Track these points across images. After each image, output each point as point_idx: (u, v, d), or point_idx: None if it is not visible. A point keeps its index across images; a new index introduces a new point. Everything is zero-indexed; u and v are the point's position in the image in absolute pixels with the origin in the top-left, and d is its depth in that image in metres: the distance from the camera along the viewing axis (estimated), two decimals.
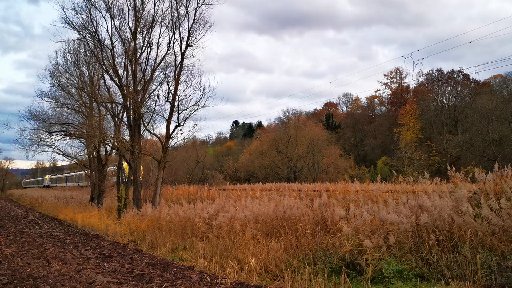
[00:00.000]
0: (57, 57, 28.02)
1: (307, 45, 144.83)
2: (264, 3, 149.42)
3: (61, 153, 32.41)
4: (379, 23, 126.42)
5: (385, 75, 72.60)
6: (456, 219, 8.34)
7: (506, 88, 59.80)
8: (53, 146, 30.27)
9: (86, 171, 33.95)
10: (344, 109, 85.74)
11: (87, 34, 21.00)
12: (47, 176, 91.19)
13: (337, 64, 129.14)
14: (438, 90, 61.63)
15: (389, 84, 73.48)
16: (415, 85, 66.56)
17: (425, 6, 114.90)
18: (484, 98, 50.14)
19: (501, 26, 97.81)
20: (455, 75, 61.18)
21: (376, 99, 75.90)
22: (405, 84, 70.55)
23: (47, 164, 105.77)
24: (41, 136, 28.35)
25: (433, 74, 63.75)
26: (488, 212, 8.39)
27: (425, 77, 65.07)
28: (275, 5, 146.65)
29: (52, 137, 28.14)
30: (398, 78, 72.49)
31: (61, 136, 28.16)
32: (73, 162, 36.39)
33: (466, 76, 59.88)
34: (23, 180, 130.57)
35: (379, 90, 73.12)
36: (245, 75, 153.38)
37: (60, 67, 27.44)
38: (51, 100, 28.59)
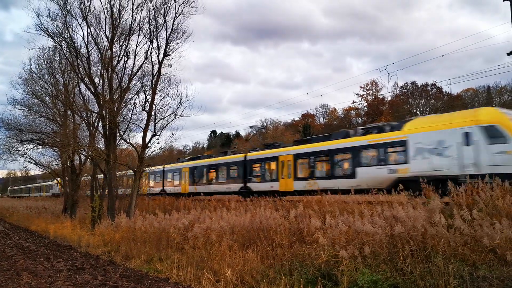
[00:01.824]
0: (31, 64, 27.53)
1: (283, 56, 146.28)
2: (239, 14, 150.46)
3: (33, 162, 31.82)
4: (353, 36, 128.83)
5: (361, 87, 73.75)
6: (429, 230, 8.48)
7: (477, 101, 61.51)
8: (25, 155, 29.70)
9: (59, 181, 33.29)
10: (321, 120, 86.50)
11: (63, 42, 20.72)
12: (59, 179, 60.95)
13: (312, 75, 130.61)
14: (413, 102, 62.98)
15: (365, 96, 74.64)
16: (391, 97, 67.80)
17: (397, 21, 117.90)
18: (457, 110, 51.32)
19: (470, 42, 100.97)
20: (429, 88, 62.68)
21: (352, 111, 76.87)
22: (380, 96, 71.80)
23: (19, 174, 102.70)
24: (13, 144, 27.81)
25: (408, 87, 65.18)
26: (461, 222, 8.57)
27: (400, 89, 66.46)
28: (250, 16, 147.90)
29: (24, 145, 27.64)
30: (374, 90, 73.71)
31: (34, 145, 27.65)
32: (46, 171, 35.66)
33: (439, 89, 61.39)
34: (10, 188, 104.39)
35: (355, 102, 74.17)
36: (221, 85, 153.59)
37: (34, 75, 27.01)
38: (24, 108, 28.10)
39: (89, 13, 19.98)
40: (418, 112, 60.61)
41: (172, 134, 21.92)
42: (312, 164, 23.39)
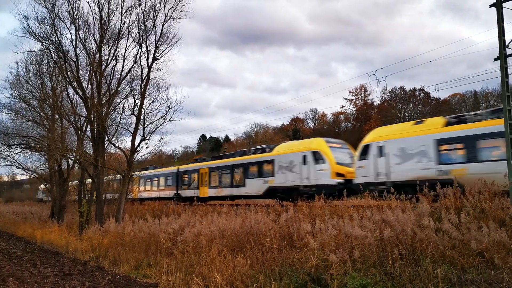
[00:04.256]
0: (18, 68, 27.26)
1: (269, 61, 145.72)
2: (224, 19, 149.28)
3: (20, 166, 31.41)
4: (338, 42, 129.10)
5: (350, 92, 74.17)
6: (418, 233, 8.52)
7: (464, 106, 62.23)
8: (12, 160, 29.33)
9: (46, 185, 32.91)
10: (311, 124, 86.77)
11: (51, 45, 20.55)
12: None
13: (299, 80, 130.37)
14: (401, 107, 63.51)
15: (354, 100, 75.04)
16: (379, 102, 68.27)
17: (380, 26, 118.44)
18: (445, 115, 51.87)
19: (453, 48, 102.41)
20: (417, 93, 63.30)
21: (341, 115, 77.23)
22: (369, 101, 72.24)
23: (5, 178, 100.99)
24: None
25: (396, 92, 65.76)
26: (449, 226, 8.63)
27: (388, 94, 66.98)
28: (235, 21, 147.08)
29: (11, 150, 27.29)
30: (363, 95, 74.15)
31: (21, 149, 27.34)
32: (33, 176, 35.24)
33: (427, 94, 62.03)
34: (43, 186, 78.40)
35: (344, 106, 74.55)
36: (208, 89, 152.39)
37: (21, 78, 26.70)
38: (11, 112, 27.80)
39: (77, 17, 19.90)
40: (407, 117, 61.18)
41: (161, 138, 21.85)
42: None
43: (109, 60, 20.68)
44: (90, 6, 19.92)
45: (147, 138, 20.60)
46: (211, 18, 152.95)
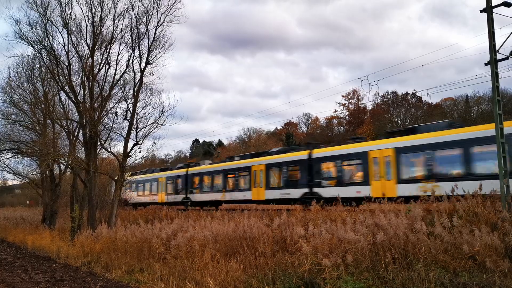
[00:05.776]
0: (9, 72, 27.08)
1: (259, 65, 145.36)
2: (214, 24, 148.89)
3: (11, 171, 31.13)
4: (328, 46, 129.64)
5: (343, 96, 74.49)
6: (410, 237, 8.55)
7: (456, 110, 62.70)
8: (3, 165, 29.08)
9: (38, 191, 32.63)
10: (304, 129, 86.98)
11: (43, 50, 20.44)
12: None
13: (290, 84, 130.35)
14: (393, 111, 63.88)
15: (347, 105, 75.35)
16: (372, 106, 68.65)
17: (369, 31, 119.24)
18: (436, 120, 52.21)
19: (442, 53, 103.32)
20: (409, 97, 63.74)
21: (334, 120, 77.52)
22: (362, 105, 72.57)
23: None
24: None
25: (389, 96, 66.16)
26: (441, 229, 8.67)
27: (381, 98, 67.37)
28: (225, 25, 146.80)
29: (2, 155, 27.05)
30: (355, 99, 74.49)
31: (12, 154, 27.11)
32: (24, 181, 34.94)
33: (419, 99, 62.48)
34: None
35: (337, 111, 74.81)
36: (199, 94, 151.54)
37: (12, 83, 26.52)
38: (2, 117, 27.59)
39: (70, 21, 19.79)
40: (399, 121, 61.50)
41: (154, 143, 21.74)
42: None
43: (102, 64, 20.62)
44: (82, 11, 19.86)
45: (140, 142, 20.51)
46: (201, 23, 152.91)
